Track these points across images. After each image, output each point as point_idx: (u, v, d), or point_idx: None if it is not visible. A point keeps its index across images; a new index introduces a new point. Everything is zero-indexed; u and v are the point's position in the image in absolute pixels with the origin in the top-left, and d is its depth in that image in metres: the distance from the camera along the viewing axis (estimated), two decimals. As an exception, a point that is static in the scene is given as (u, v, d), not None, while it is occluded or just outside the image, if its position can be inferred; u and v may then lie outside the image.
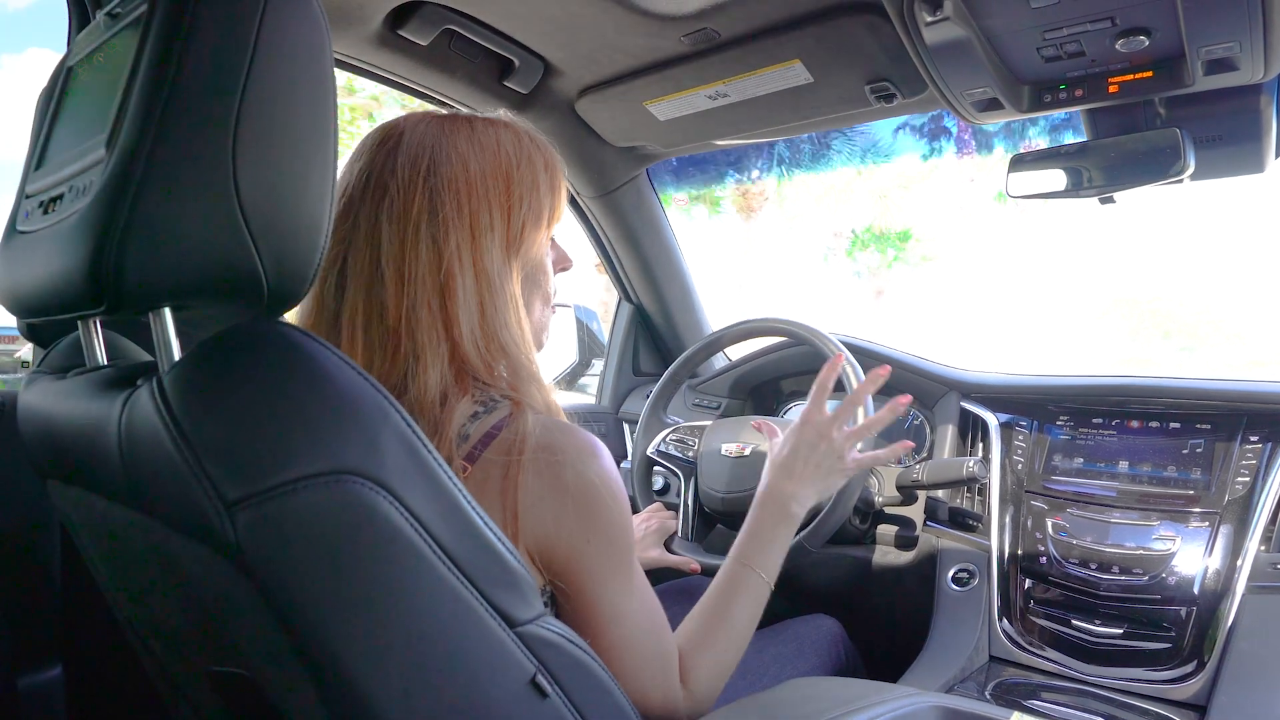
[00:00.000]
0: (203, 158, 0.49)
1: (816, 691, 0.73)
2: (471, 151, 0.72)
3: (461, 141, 0.73)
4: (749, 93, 1.39)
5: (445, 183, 0.71)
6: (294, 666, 0.50)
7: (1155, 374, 1.39)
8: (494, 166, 0.73)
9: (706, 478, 1.40)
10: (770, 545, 0.92)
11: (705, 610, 0.86)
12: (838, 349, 1.35)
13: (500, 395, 0.70)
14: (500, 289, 0.72)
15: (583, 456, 0.67)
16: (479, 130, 0.74)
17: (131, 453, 0.51)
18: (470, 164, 0.72)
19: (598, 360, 2.13)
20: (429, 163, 0.71)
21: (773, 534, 0.92)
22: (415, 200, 0.70)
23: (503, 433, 0.67)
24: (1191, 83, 1.03)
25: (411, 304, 0.69)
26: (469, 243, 0.70)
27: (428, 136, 0.73)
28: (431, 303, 0.69)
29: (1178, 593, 1.19)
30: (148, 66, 0.50)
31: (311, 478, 0.46)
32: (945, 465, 1.36)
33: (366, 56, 1.34)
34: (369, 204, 0.71)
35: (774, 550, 0.92)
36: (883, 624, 1.57)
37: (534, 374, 0.73)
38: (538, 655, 0.56)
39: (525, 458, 0.65)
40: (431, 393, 0.67)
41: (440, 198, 0.70)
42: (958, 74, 1.12)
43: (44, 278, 0.54)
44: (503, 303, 0.72)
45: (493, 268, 0.71)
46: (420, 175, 0.71)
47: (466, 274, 0.70)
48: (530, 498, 0.65)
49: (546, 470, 0.66)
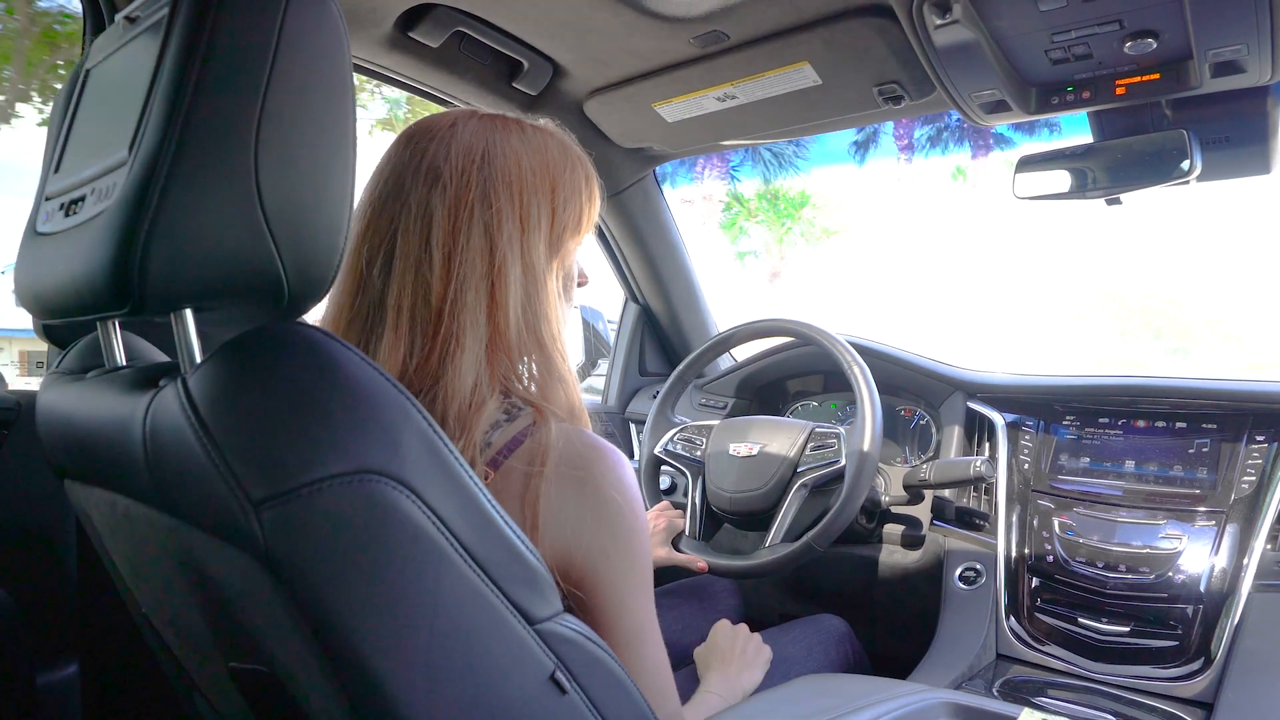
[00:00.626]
0: (225, 160, 0.50)
1: (827, 688, 0.74)
2: (524, 150, 0.74)
3: (514, 139, 0.75)
4: (757, 94, 1.39)
5: (499, 174, 0.72)
6: (316, 662, 0.50)
7: (1161, 374, 1.39)
8: (543, 167, 0.75)
9: (714, 477, 1.41)
10: (731, 692, 0.97)
11: None
12: (846, 350, 1.35)
13: (524, 401, 0.71)
14: (543, 284, 0.73)
15: (606, 471, 0.67)
16: (529, 132, 0.76)
17: (156, 453, 0.52)
18: (523, 161, 0.74)
19: (604, 361, 2.14)
20: (483, 153, 0.73)
21: (731, 693, 0.97)
22: (470, 187, 0.71)
23: (527, 441, 0.67)
24: (1199, 85, 1.04)
25: (460, 286, 0.70)
26: (519, 234, 0.72)
27: (481, 130, 0.74)
28: (479, 286, 0.70)
29: (1184, 591, 1.19)
30: (170, 70, 0.50)
31: (336, 477, 0.47)
32: (952, 465, 1.37)
33: (378, 58, 1.35)
34: (420, 187, 0.72)
35: (737, 693, 0.98)
36: (890, 623, 1.58)
37: (564, 374, 0.73)
38: (556, 652, 0.57)
39: (548, 469, 0.65)
40: (465, 380, 0.68)
41: (494, 187, 0.72)
42: (966, 76, 1.13)
43: (66, 279, 0.54)
44: (545, 297, 0.73)
45: (539, 263, 0.73)
46: (475, 164, 0.72)
47: (515, 264, 0.71)
48: (551, 509, 0.65)
49: (569, 483, 0.66)
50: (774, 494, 1.32)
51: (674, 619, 1.29)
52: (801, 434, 1.35)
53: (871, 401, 1.29)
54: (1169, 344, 12.73)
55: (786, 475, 1.32)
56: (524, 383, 0.72)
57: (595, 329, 2.13)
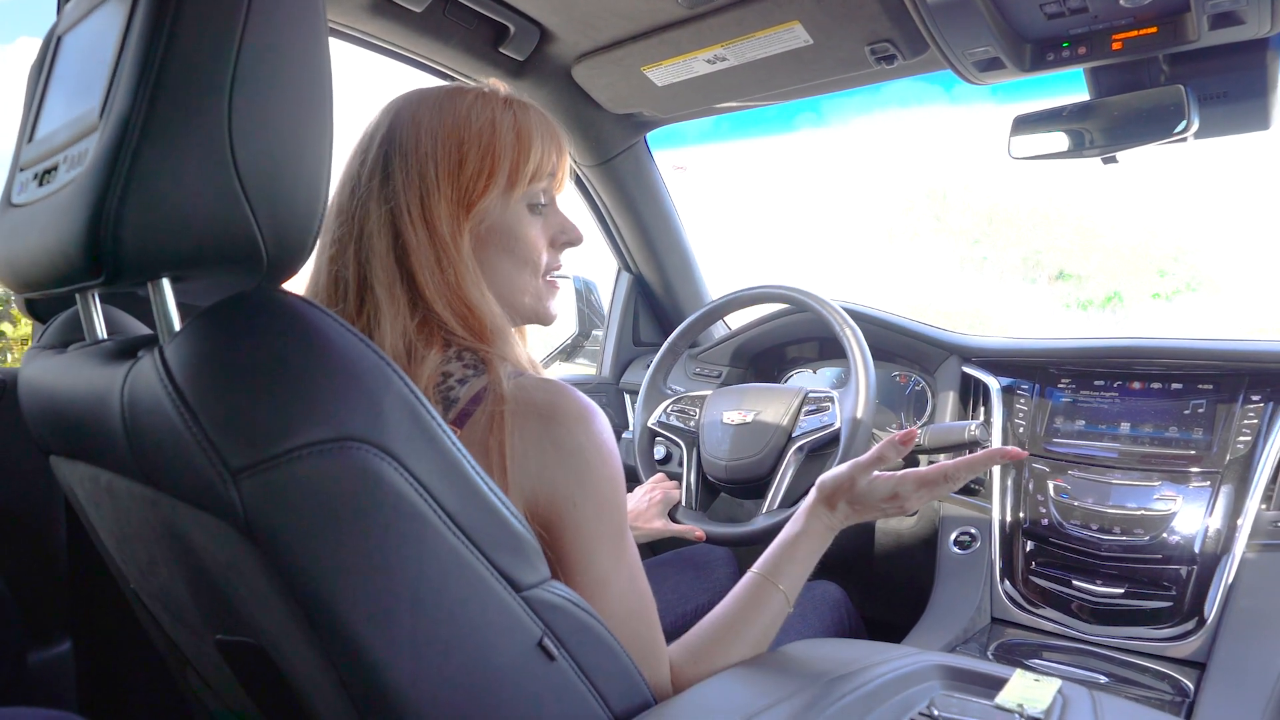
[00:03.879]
0: (197, 123, 0.48)
1: (819, 653, 0.74)
2: (429, 114, 0.74)
3: (426, 107, 0.75)
4: (748, 56, 1.37)
5: (397, 145, 0.74)
6: (301, 633, 0.50)
7: (1157, 335, 1.39)
8: (448, 126, 0.74)
9: (709, 446, 1.40)
10: (800, 567, 0.86)
11: (722, 621, 0.81)
12: (837, 313, 1.34)
13: (469, 350, 0.72)
14: (450, 247, 0.73)
15: (571, 417, 0.67)
16: (451, 97, 0.76)
17: (135, 424, 0.51)
18: (423, 126, 0.74)
19: (598, 331, 2.12)
20: (388, 127, 0.75)
21: (806, 558, 0.87)
22: (370, 162, 0.74)
23: (489, 393, 0.68)
24: (1196, 38, 1.02)
25: (366, 259, 0.72)
26: (418, 201, 0.72)
27: (404, 106, 0.76)
28: (385, 257, 0.72)
29: (1178, 552, 1.19)
30: (139, 31, 0.49)
31: (316, 444, 0.46)
32: (947, 430, 1.36)
33: (359, 24, 1.32)
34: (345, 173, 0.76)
35: (801, 574, 0.86)
36: (886, 589, 1.58)
37: (503, 331, 0.74)
38: (544, 619, 0.57)
39: (508, 411, 0.65)
40: (395, 347, 0.69)
41: (391, 160, 0.73)
42: (959, 33, 1.10)
43: (41, 250, 0.53)
44: (458, 261, 0.73)
45: (443, 226, 0.72)
46: (378, 140, 0.75)
47: (419, 228, 0.72)
48: (516, 453, 0.65)
49: (531, 427, 0.65)
50: (769, 460, 1.32)
51: (670, 589, 1.29)
52: (795, 399, 1.35)
53: (864, 362, 1.28)
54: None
55: (781, 441, 1.32)
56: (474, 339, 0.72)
57: (589, 299, 2.12)
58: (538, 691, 0.57)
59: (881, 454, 0.88)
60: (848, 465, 0.89)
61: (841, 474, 0.88)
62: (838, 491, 0.88)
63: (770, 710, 0.61)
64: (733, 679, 0.71)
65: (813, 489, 0.91)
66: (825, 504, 0.89)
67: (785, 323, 1.77)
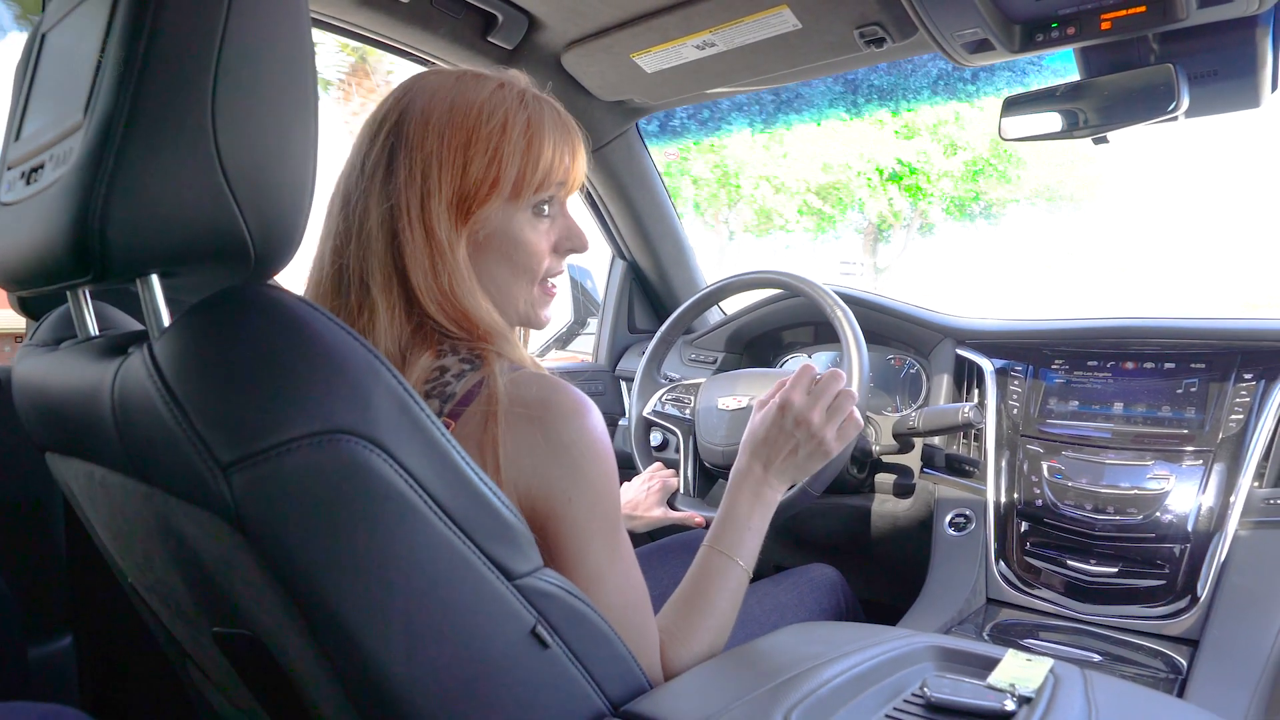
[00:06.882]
0: (181, 120, 0.48)
1: (813, 636, 0.75)
2: (440, 108, 0.70)
3: (440, 100, 0.70)
4: (736, 41, 1.36)
5: (404, 139, 0.70)
6: (295, 625, 0.50)
7: (1150, 314, 1.39)
8: (456, 125, 0.70)
9: (705, 432, 1.41)
10: (745, 532, 0.86)
11: (683, 600, 0.81)
12: (828, 296, 1.35)
13: (466, 348, 0.70)
14: (447, 253, 0.70)
15: (564, 413, 0.66)
16: (465, 90, 0.71)
17: (126, 420, 0.51)
18: (431, 122, 0.69)
19: (593, 319, 2.13)
20: (397, 118, 0.71)
21: (748, 520, 0.87)
22: (375, 153, 0.70)
23: (484, 389, 0.67)
24: (1185, 16, 1.01)
25: (364, 255, 0.70)
26: (418, 201, 0.69)
27: (418, 95, 0.71)
28: (383, 256, 0.69)
29: (1171, 531, 1.20)
30: (120, 29, 0.49)
31: (305, 438, 0.47)
32: (941, 412, 1.37)
33: (345, 15, 1.32)
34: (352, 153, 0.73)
35: (749, 537, 0.86)
36: (882, 571, 1.59)
37: (500, 331, 0.72)
38: (537, 607, 0.57)
39: (501, 408, 0.65)
40: (388, 348, 0.68)
41: (397, 154, 0.70)
42: (948, 14, 1.10)
43: (29, 248, 0.53)
44: (453, 267, 0.70)
45: (441, 230, 0.69)
46: (386, 129, 0.71)
47: (416, 230, 0.69)
48: (509, 450, 0.64)
49: (525, 424, 0.65)
50: (764, 446, 1.32)
51: (666, 574, 1.29)
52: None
53: (857, 345, 1.28)
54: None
55: (776, 427, 1.32)
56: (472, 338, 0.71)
57: (583, 287, 2.12)
58: (532, 679, 0.58)
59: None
60: (807, 400, 0.91)
61: (801, 408, 0.91)
62: (750, 445, 0.92)
63: (763, 692, 0.61)
64: (727, 662, 0.72)
65: (741, 449, 0.93)
66: (758, 463, 0.91)
67: (780, 308, 1.77)
